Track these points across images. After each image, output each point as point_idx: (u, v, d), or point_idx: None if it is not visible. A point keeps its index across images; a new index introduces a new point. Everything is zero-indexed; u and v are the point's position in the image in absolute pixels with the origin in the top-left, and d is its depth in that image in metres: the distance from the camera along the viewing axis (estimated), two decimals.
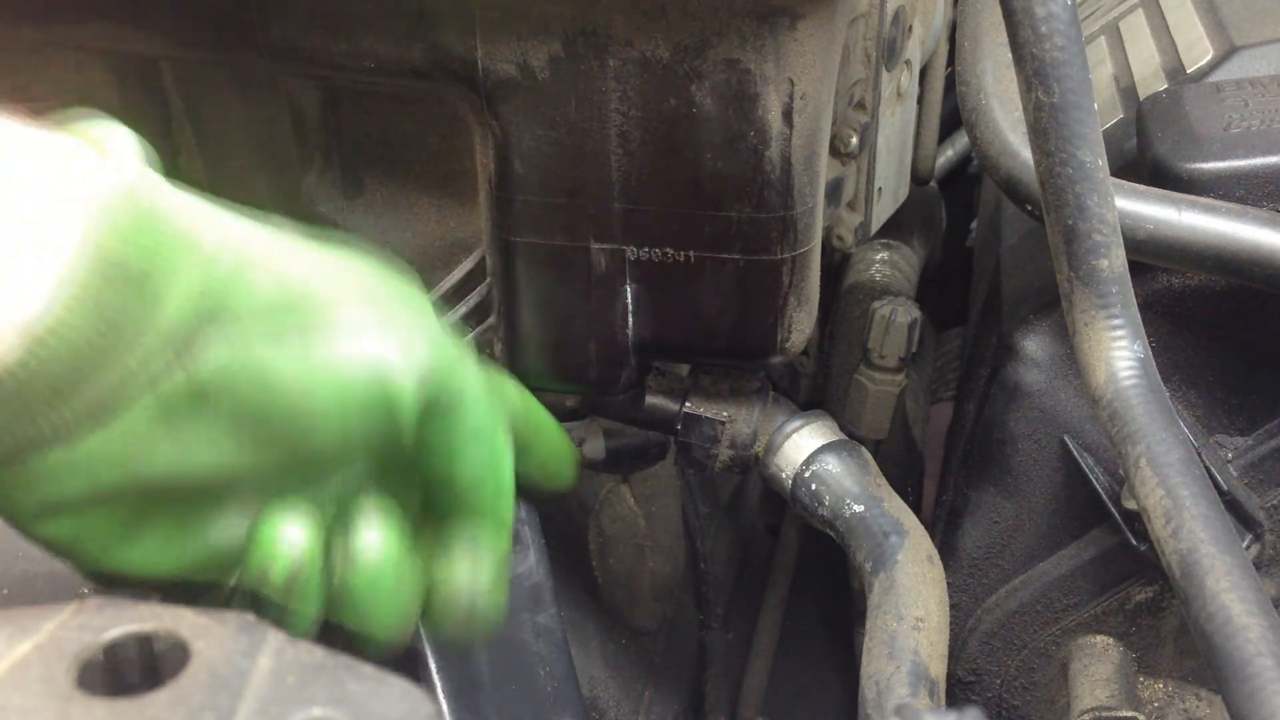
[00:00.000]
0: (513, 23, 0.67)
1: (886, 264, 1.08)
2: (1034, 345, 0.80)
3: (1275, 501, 0.76)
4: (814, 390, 1.16)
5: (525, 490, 0.85)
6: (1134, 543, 0.73)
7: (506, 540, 0.57)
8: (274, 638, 0.37)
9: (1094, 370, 0.65)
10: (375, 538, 0.53)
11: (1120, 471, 0.74)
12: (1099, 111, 0.63)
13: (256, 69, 0.77)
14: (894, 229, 1.04)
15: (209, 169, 0.88)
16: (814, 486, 0.79)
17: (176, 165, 0.86)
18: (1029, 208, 0.74)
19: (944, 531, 0.87)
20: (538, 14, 0.66)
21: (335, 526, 0.53)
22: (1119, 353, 0.64)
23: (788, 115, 0.67)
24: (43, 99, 0.82)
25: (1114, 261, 0.64)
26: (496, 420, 0.55)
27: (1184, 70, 0.82)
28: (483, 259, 0.78)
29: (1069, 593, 0.81)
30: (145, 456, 0.46)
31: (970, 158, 1.33)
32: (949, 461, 0.99)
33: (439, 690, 0.65)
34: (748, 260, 0.71)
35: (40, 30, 0.75)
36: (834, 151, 0.80)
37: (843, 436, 0.82)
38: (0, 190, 0.41)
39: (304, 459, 0.50)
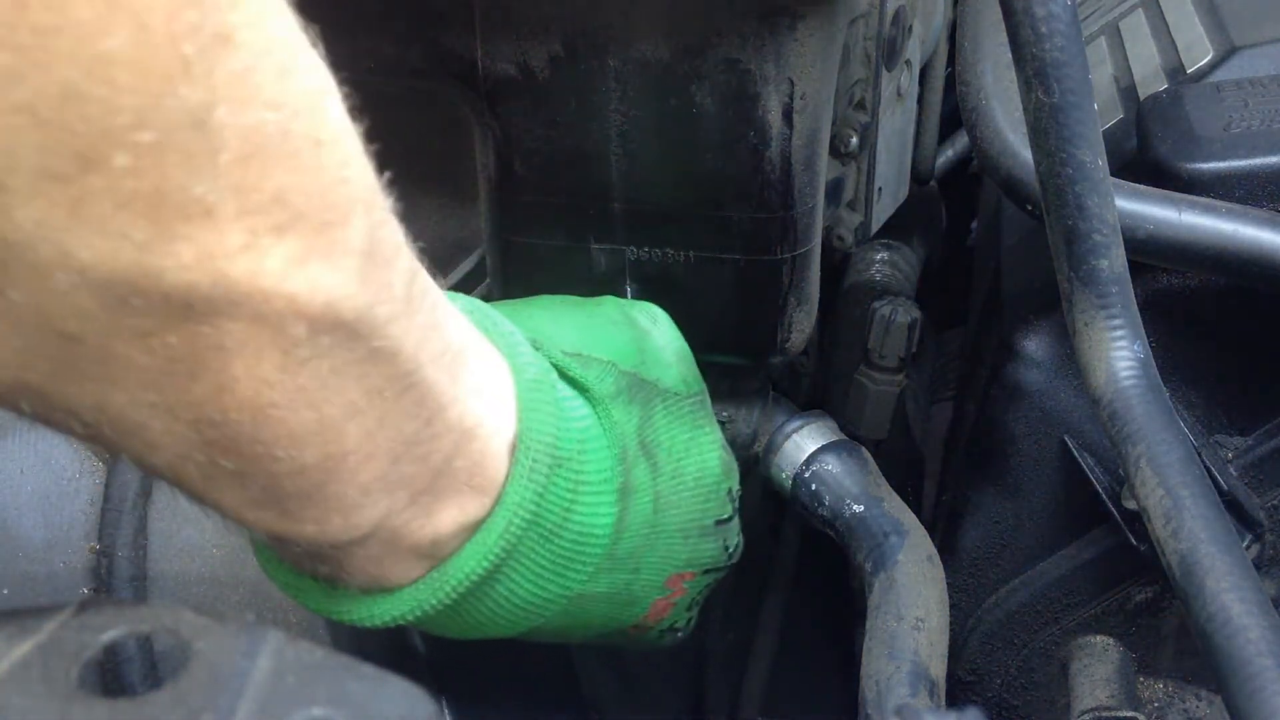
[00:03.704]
0: (513, 23, 0.67)
1: (886, 264, 1.08)
2: (1034, 345, 0.80)
3: (1275, 501, 0.76)
4: (814, 390, 1.16)
5: None
6: (1134, 543, 0.73)
7: None
8: (274, 637, 0.37)
9: (1094, 370, 0.65)
10: None
11: (1120, 471, 0.74)
12: (1099, 111, 0.63)
13: None
14: (894, 229, 1.04)
15: None
16: (814, 487, 0.79)
17: None
18: (1029, 208, 0.74)
19: (944, 531, 0.87)
20: (538, 14, 0.66)
21: None
22: (1119, 353, 0.64)
23: (788, 115, 0.67)
24: None
25: (1114, 261, 0.64)
26: None
27: (1184, 70, 0.82)
28: (483, 259, 0.78)
29: (1069, 593, 0.81)
30: None
31: (970, 158, 1.33)
32: (949, 461, 0.99)
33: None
34: (748, 260, 0.71)
35: None
36: (834, 151, 0.80)
37: (843, 437, 0.82)
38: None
39: None
